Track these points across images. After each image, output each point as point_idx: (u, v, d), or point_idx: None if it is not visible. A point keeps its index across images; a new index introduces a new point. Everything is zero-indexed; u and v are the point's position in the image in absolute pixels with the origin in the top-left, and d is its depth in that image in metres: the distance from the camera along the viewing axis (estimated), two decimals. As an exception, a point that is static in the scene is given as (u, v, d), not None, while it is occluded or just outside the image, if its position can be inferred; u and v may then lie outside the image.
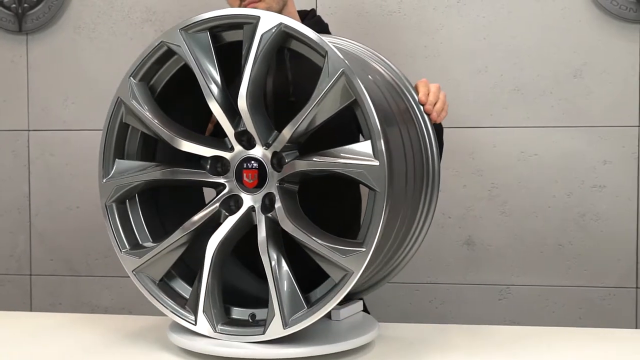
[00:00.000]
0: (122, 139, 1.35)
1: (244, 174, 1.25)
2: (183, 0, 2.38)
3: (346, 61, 1.13)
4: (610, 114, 2.20)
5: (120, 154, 1.35)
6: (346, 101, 1.14)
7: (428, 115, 1.39)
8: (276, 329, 1.19)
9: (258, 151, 1.24)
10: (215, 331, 1.24)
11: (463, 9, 2.25)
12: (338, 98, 1.14)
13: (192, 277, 1.30)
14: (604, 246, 2.22)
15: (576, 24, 2.20)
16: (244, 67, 1.21)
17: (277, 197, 1.21)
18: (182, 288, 1.34)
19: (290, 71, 1.56)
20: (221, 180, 1.27)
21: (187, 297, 1.32)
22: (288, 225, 1.18)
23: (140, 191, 1.34)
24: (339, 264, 1.14)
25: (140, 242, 1.35)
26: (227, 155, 1.26)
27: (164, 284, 1.33)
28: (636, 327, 2.21)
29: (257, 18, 1.19)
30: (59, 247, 2.49)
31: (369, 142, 1.12)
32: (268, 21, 1.19)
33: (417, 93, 1.41)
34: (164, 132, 1.28)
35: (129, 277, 2.41)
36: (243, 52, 1.22)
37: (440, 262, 2.30)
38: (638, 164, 2.20)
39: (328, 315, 1.34)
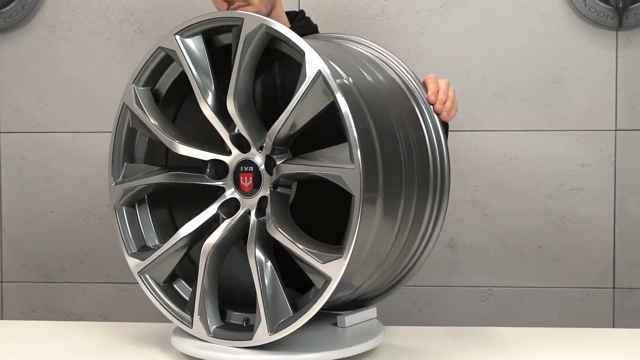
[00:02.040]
0: (130, 143, 1.35)
1: (241, 178, 1.24)
2: (163, 0, 2.34)
3: (323, 61, 1.12)
4: (588, 119, 2.25)
5: (129, 158, 1.35)
6: (326, 102, 1.13)
7: (438, 114, 1.36)
8: (262, 334, 1.17)
9: (253, 154, 1.23)
10: (209, 334, 1.23)
11: (445, 13, 2.28)
12: (318, 100, 1.13)
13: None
14: (582, 248, 2.27)
15: (556, 30, 2.24)
16: (232, 69, 1.21)
17: (269, 201, 1.20)
18: (186, 290, 1.32)
19: (278, 76, 1.55)
20: (219, 183, 1.26)
21: (187, 298, 1.31)
22: (272, 230, 1.17)
23: (149, 194, 1.34)
24: (318, 271, 1.13)
25: (148, 245, 1.34)
26: (225, 158, 1.26)
27: (168, 286, 1.31)
28: (613, 327, 2.26)
29: (242, 20, 1.19)
30: (32, 253, 2.42)
31: (346, 144, 1.10)
32: (250, 23, 1.19)
33: (426, 91, 1.39)
34: (163, 137, 1.28)
35: (106, 282, 2.40)
36: (232, 54, 1.21)
37: (423, 265, 2.30)
38: (615, 167, 2.25)
39: (334, 322, 1.33)
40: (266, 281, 1.18)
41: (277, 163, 1.20)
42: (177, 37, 1.25)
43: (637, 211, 2.25)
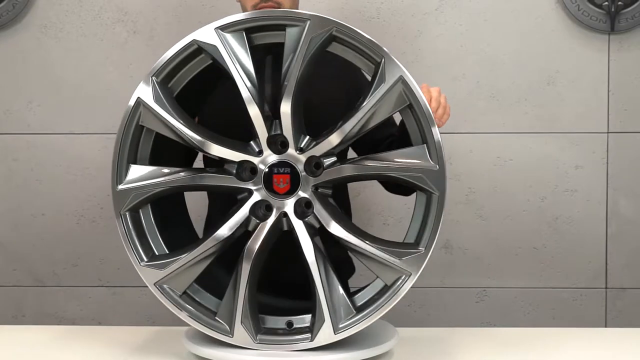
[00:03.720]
0: (135, 143, 1.29)
1: (275, 179, 1.22)
2: (157, 1, 2.31)
3: (403, 67, 1.17)
4: (581, 121, 2.29)
5: (132, 158, 1.28)
6: (400, 106, 1.18)
7: None
8: (326, 335, 1.18)
9: (290, 156, 1.23)
10: (256, 342, 1.21)
11: (441, 16, 2.29)
12: (392, 104, 1.18)
13: (213, 287, 1.27)
14: (575, 249, 2.30)
15: (549, 34, 2.27)
16: (287, 69, 1.20)
17: (316, 202, 1.21)
18: (205, 299, 1.29)
19: None
20: (249, 185, 1.24)
21: (209, 307, 1.28)
22: (337, 229, 1.19)
23: (155, 199, 1.29)
24: (394, 266, 1.16)
25: (157, 253, 1.28)
26: (255, 159, 1.23)
27: (187, 296, 1.27)
28: (606, 326, 2.30)
29: (306, 20, 1.19)
30: (23, 256, 2.37)
31: (424, 146, 1.17)
32: (319, 24, 1.19)
33: None
34: (193, 136, 1.23)
35: (99, 286, 2.37)
36: (285, 55, 1.20)
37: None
38: (607, 169, 2.29)
39: None
40: (328, 282, 1.19)
41: (326, 165, 1.21)
42: (219, 31, 1.21)
43: (628, 212, 2.29)
